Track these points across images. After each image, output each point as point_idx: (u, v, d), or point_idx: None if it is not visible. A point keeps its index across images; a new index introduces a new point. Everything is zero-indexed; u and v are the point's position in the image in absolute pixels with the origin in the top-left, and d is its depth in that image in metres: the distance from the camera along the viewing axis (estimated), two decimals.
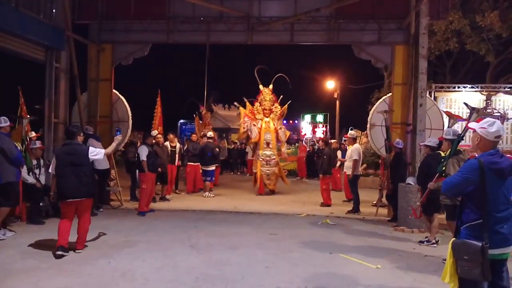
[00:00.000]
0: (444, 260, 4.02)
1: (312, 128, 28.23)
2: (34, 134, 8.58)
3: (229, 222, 8.58)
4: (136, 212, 9.24)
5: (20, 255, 5.87)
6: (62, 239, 5.87)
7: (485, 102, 12.78)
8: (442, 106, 12.43)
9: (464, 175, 3.30)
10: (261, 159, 12.82)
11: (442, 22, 14.16)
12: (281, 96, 13.35)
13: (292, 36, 10.69)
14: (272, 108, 13.10)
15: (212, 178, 12.73)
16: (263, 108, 13.04)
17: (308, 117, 28.79)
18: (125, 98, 11.12)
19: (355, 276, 5.26)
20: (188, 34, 10.91)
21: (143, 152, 9.18)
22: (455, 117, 6.96)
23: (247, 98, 13.38)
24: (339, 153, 13.38)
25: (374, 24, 10.28)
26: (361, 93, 23.51)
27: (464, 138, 5.82)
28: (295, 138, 27.18)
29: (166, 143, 11.73)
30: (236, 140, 22.05)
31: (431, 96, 12.29)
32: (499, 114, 12.41)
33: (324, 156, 11.01)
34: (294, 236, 7.38)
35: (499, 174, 3.22)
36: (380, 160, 12.13)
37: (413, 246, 6.95)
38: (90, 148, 6.28)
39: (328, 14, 10.37)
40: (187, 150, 12.87)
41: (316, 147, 19.45)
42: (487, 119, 3.38)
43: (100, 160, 7.06)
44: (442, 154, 6.39)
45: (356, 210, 10.01)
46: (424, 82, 9.30)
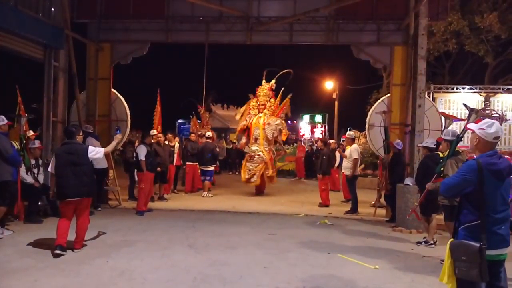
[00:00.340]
0: (442, 260, 4.04)
1: (310, 128, 28.24)
2: (32, 133, 8.56)
3: (227, 222, 8.58)
4: (134, 212, 9.23)
5: (18, 254, 5.86)
6: (61, 238, 5.86)
7: (483, 103, 12.80)
8: (440, 107, 12.46)
9: (463, 176, 3.30)
10: (247, 154, 12.72)
11: (441, 23, 14.17)
12: (282, 89, 13.05)
13: (291, 36, 10.69)
14: (266, 103, 12.82)
15: (211, 178, 12.76)
16: (258, 104, 12.90)
17: (306, 117, 28.81)
18: (123, 97, 11.11)
19: (353, 277, 5.26)
20: (187, 34, 10.91)
21: (142, 151, 9.17)
22: (451, 117, 6.97)
23: (246, 97, 13.36)
24: (337, 153, 13.37)
25: (373, 24, 10.28)
26: (359, 93, 23.58)
27: (463, 139, 5.82)
28: (294, 138, 27.17)
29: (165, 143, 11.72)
30: (234, 140, 22.05)
31: (429, 97, 12.31)
32: (497, 115, 12.42)
33: (324, 157, 11.00)
34: (293, 236, 7.38)
35: (497, 175, 3.23)
36: (378, 161, 12.13)
37: (411, 247, 6.96)
38: (90, 147, 6.28)
39: (327, 15, 10.38)
40: (186, 149, 12.87)
41: (315, 147, 19.45)
42: (486, 120, 3.39)
43: (99, 159, 7.06)
44: (441, 155, 6.39)
45: (354, 210, 10.03)
46: (422, 83, 9.31)
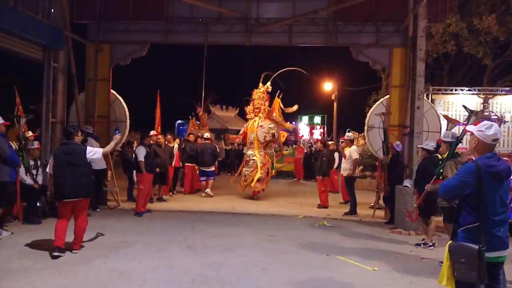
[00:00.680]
0: (441, 262, 4.03)
1: (309, 129, 28.22)
2: (31, 133, 8.55)
3: (226, 223, 8.58)
4: (133, 213, 9.21)
5: (16, 255, 5.85)
6: (59, 239, 5.85)
7: (482, 105, 12.83)
8: (439, 109, 12.46)
9: (461, 178, 3.30)
10: (244, 159, 12.60)
11: (440, 25, 14.19)
12: (278, 92, 12.67)
13: (290, 37, 10.70)
14: (261, 106, 12.58)
15: (214, 177, 12.89)
16: (254, 107, 12.71)
17: (305, 118, 28.76)
18: (122, 98, 11.10)
19: (352, 278, 5.26)
20: (186, 35, 10.91)
21: (141, 152, 9.16)
22: (454, 121, 6.97)
23: (244, 99, 13.31)
24: (336, 154, 13.37)
25: (372, 26, 10.29)
26: (358, 95, 23.57)
27: (462, 140, 5.83)
28: (293, 139, 27.17)
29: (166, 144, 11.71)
30: (234, 141, 22.02)
31: (428, 98, 12.32)
32: (496, 117, 12.45)
33: (323, 158, 11.00)
34: (291, 238, 7.38)
35: (496, 177, 3.23)
36: (377, 162, 12.14)
37: (410, 249, 6.96)
38: (88, 148, 6.26)
39: (326, 16, 10.39)
40: (184, 150, 12.86)
41: (314, 148, 19.46)
42: (485, 122, 3.39)
43: (97, 160, 7.05)
44: (440, 157, 6.40)
45: (353, 212, 10.03)
46: (421, 84, 9.32)
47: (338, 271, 5.58)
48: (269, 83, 12.65)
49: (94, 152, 6.19)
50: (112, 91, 10.96)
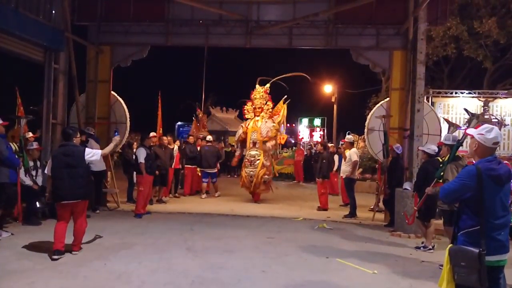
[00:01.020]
0: (441, 266, 4.03)
1: (309, 131, 28.21)
2: (31, 134, 8.55)
3: (226, 225, 8.57)
4: (132, 214, 9.21)
5: (16, 256, 5.84)
6: (58, 242, 5.84)
7: (482, 108, 12.84)
8: (439, 112, 12.48)
9: (462, 182, 3.29)
10: (246, 159, 12.18)
11: (440, 28, 14.22)
12: (285, 97, 12.65)
13: (291, 40, 10.72)
14: (263, 106, 12.40)
15: (215, 179, 13.08)
16: (254, 106, 12.51)
17: (305, 120, 28.76)
18: (123, 99, 11.11)
19: (352, 281, 5.26)
20: (186, 37, 10.92)
21: (141, 154, 9.16)
22: (455, 125, 6.97)
23: (239, 101, 13.27)
24: (336, 157, 13.38)
25: (372, 29, 10.31)
26: (358, 97, 23.60)
27: (463, 144, 5.83)
28: (292, 141, 27.17)
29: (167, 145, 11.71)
30: (233, 143, 22.02)
31: (428, 101, 12.34)
32: (496, 120, 12.45)
33: (323, 160, 10.99)
34: (291, 240, 7.38)
35: (496, 180, 3.23)
36: (377, 165, 12.14)
37: (409, 252, 6.96)
38: (87, 149, 6.23)
39: (326, 19, 10.40)
40: (184, 152, 12.85)
41: (314, 150, 19.45)
42: (485, 125, 3.38)
43: (96, 161, 7.04)
44: (440, 160, 6.39)
45: (353, 214, 10.02)
46: (421, 87, 9.30)
47: (337, 274, 5.57)
48: (268, 85, 12.61)
49: (93, 154, 6.17)
50: (112, 92, 10.98)
